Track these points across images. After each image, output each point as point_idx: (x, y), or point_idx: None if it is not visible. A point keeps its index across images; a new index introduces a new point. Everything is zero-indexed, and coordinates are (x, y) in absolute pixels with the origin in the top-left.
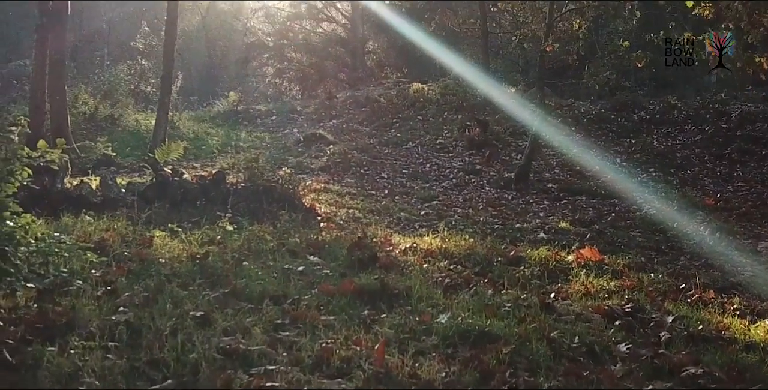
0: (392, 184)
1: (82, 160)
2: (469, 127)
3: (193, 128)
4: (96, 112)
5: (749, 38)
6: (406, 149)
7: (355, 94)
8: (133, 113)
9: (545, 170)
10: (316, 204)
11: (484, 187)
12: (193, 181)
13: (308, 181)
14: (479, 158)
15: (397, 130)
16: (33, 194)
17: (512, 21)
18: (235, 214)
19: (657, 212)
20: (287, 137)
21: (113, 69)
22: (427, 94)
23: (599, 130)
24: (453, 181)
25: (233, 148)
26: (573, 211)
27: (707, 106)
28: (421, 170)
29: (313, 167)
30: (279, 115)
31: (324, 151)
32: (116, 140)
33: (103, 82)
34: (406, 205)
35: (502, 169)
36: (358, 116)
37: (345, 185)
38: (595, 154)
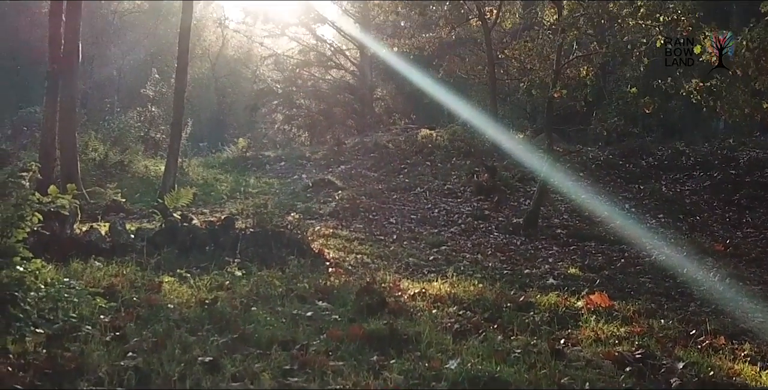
0: (401, 230)
1: (91, 206)
2: (477, 173)
3: (202, 174)
4: (106, 159)
5: (756, 84)
6: (414, 195)
7: (364, 140)
8: (143, 159)
9: (554, 216)
10: (324, 249)
11: (492, 233)
12: (202, 226)
13: (317, 227)
14: (488, 204)
15: (406, 176)
16: (43, 240)
17: (520, 67)
18: (243, 259)
19: (666, 258)
20: (296, 183)
21: (123, 116)
22: (436, 140)
23: (608, 176)
24: (461, 226)
25: (242, 193)
26: (582, 257)
27: (715, 153)
28: (429, 215)
29: (322, 213)
30: (288, 161)
31: (332, 197)
32: (126, 186)
33: (113, 128)
34: (415, 251)
35: (511, 215)
36: (367, 162)
37: (353, 230)
38: (604, 200)
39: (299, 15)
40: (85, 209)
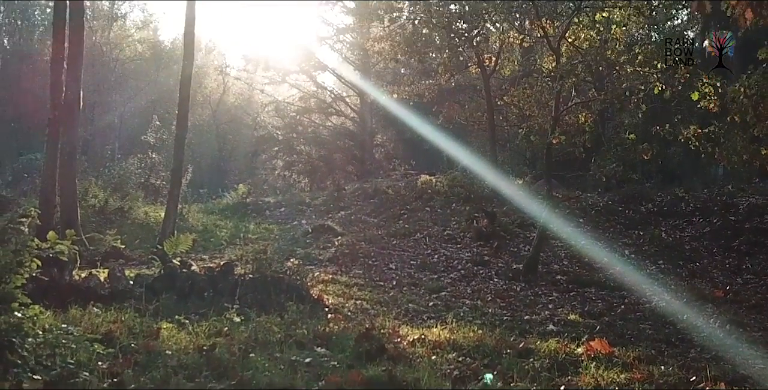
0: (400, 275)
1: (91, 253)
2: (476, 219)
3: (202, 220)
4: (106, 205)
5: (755, 131)
6: (414, 240)
7: (364, 185)
8: (143, 206)
9: (554, 262)
10: (323, 295)
11: (492, 279)
12: (201, 272)
13: (316, 272)
14: (487, 249)
15: (405, 222)
16: (42, 286)
17: (519, 114)
18: (242, 305)
19: (666, 304)
20: (296, 229)
21: (124, 162)
22: (435, 186)
23: (607, 222)
24: (461, 272)
25: (242, 239)
26: (582, 303)
27: (715, 199)
28: (429, 261)
29: (321, 258)
30: (288, 207)
31: (332, 243)
32: (126, 233)
33: (114, 175)
34: (415, 296)
35: (511, 261)
36: (367, 208)
37: (353, 276)
38: (604, 246)
39: (300, 62)
40: (85, 255)
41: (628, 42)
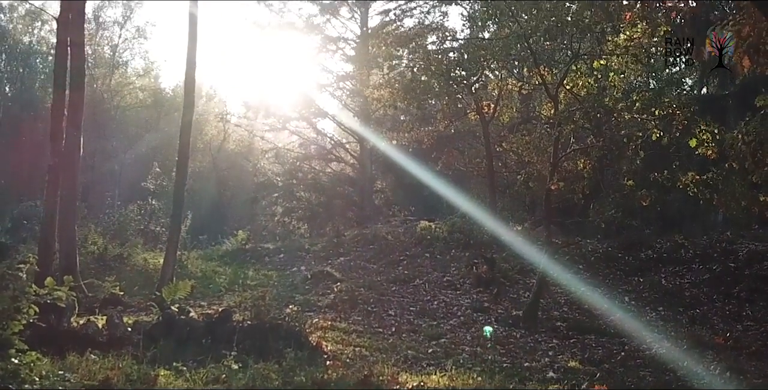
0: (399, 322)
1: (89, 299)
2: (476, 265)
3: (201, 267)
4: (105, 252)
5: (753, 177)
6: (413, 286)
7: (363, 232)
8: (142, 252)
9: (553, 308)
10: (322, 342)
11: (492, 325)
12: (199, 319)
13: (315, 319)
14: (487, 296)
15: (405, 268)
16: (39, 332)
17: (517, 160)
18: (240, 352)
19: (666, 351)
20: (295, 275)
21: (124, 209)
22: (435, 232)
23: (607, 268)
24: (461, 318)
25: (240, 286)
26: (582, 350)
27: (714, 245)
28: (428, 308)
29: (321, 305)
30: (287, 253)
31: (331, 289)
32: (124, 279)
33: (114, 221)
34: (414, 343)
35: (510, 307)
36: (366, 254)
37: (352, 323)
38: (604, 293)
39: (300, 109)
40: (83, 302)
41: (626, 89)
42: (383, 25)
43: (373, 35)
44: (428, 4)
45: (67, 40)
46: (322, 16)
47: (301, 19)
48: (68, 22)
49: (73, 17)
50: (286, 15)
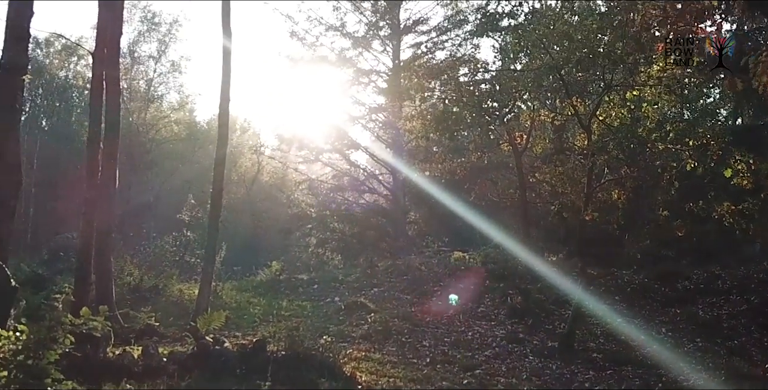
0: (434, 353)
1: (125, 330)
2: (510, 296)
3: (235, 298)
4: (141, 283)
5: None
6: (447, 317)
7: (396, 262)
8: (177, 284)
9: (589, 339)
10: (356, 372)
11: (527, 357)
12: (233, 349)
13: (349, 350)
14: (522, 327)
15: (439, 299)
16: (75, 362)
17: (551, 191)
18: (274, 382)
19: (704, 383)
20: (328, 306)
21: (159, 240)
22: (468, 263)
23: (643, 299)
24: (495, 349)
25: (275, 316)
26: (619, 382)
27: (752, 276)
28: (462, 338)
29: (354, 335)
30: (321, 284)
31: (365, 319)
32: (160, 310)
33: (149, 253)
34: (448, 374)
35: (546, 338)
36: (400, 285)
37: (386, 353)
38: (640, 324)
39: (333, 141)
40: (119, 333)
41: (659, 119)
42: (415, 58)
43: (405, 68)
44: (460, 37)
45: (103, 74)
46: (354, 50)
47: (334, 52)
48: (104, 56)
49: (108, 52)
50: (319, 49)
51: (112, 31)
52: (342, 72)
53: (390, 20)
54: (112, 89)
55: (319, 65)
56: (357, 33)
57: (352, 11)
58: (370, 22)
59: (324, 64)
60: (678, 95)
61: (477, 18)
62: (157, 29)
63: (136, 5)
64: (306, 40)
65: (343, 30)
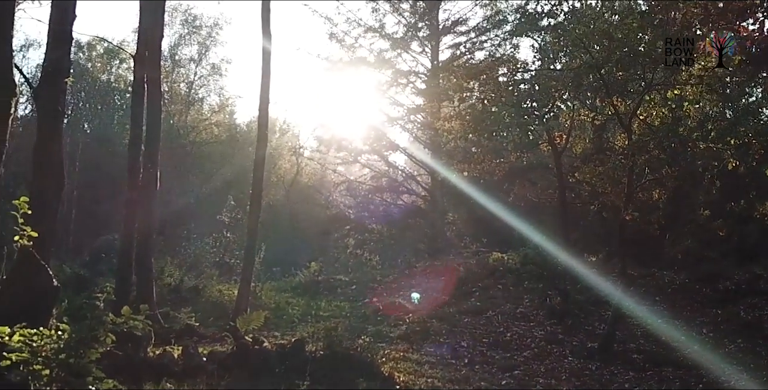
0: (472, 353)
1: (165, 330)
2: (550, 297)
3: (274, 298)
4: (181, 284)
5: None
6: (485, 318)
7: (435, 263)
8: (217, 284)
9: (629, 340)
10: (395, 372)
11: (566, 357)
12: (272, 349)
13: (387, 350)
14: (561, 328)
15: (477, 299)
16: (116, 361)
17: (591, 191)
18: (313, 382)
19: (745, 383)
20: (367, 306)
21: (199, 242)
22: (507, 264)
23: (684, 300)
24: (534, 350)
25: (313, 317)
26: (659, 383)
27: None
28: (501, 339)
29: (392, 336)
30: (359, 285)
31: (403, 320)
32: (199, 310)
33: (189, 254)
34: (487, 375)
35: (585, 339)
36: (438, 285)
37: (424, 354)
38: (681, 325)
39: (371, 142)
40: (160, 333)
41: (700, 119)
42: (454, 59)
43: (443, 68)
44: (499, 37)
45: (144, 77)
46: (393, 51)
47: (373, 54)
48: (145, 59)
49: (149, 55)
50: (358, 50)
51: (154, 34)
52: (381, 73)
53: (429, 21)
54: (153, 92)
55: (358, 67)
56: (396, 34)
57: (391, 12)
58: (408, 24)
59: (363, 66)
60: (720, 94)
61: (516, 18)
62: (197, 32)
63: (177, 8)
64: (345, 42)
65: (382, 31)
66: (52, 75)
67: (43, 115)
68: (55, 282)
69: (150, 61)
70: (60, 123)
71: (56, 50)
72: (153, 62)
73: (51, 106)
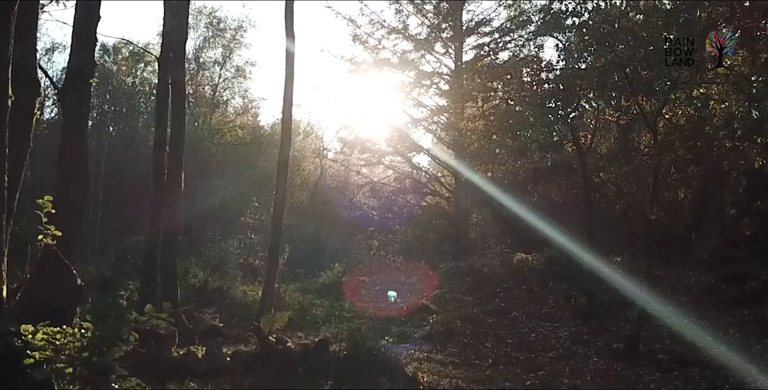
0: (496, 354)
1: (190, 330)
2: (574, 297)
3: (298, 299)
4: (206, 285)
5: None
6: (510, 319)
7: (459, 264)
8: (241, 285)
9: (655, 341)
10: (418, 373)
11: (592, 358)
12: (296, 349)
13: (411, 350)
14: (586, 328)
15: (501, 300)
16: (141, 360)
17: (616, 191)
18: (336, 382)
19: None
20: (391, 307)
21: (224, 243)
22: (531, 264)
23: (710, 300)
24: (559, 351)
25: (337, 317)
26: (685, 383)
27: None
28: (525, 340)
29: (416, 336)
30: (383, 286)
31: (427, 321)
32: (224, 311)
33: (214, 255)
34: (511, 375)
35: (610, 340)
36: (462, 286)
37: (448, 355)
38: (707, 325)
39: (395, 144)
40: (184, 333)
41: (726, 117)
42: (477, 59)
43: (467, 69)
44: (523, 38)
45: (169, 79)
46: (416, 53)
47: (396, 55)
48: (169, 61)
49: (173, 57)
50: (381, 52)
51: (178, 37)
52: (404, 74)
53: (452, 22)
54: (177, 94)
55: (381, 68)
56: (419, 35)
57: (414, 14)
58: (432, 24)
59: (386, 67)
60: (746, 93)
61: (540, 18)
62: (222, 35)
63: (201, 11)
64: (368, 44)
65: (406, 33)
66: (76, 75)
67: (68, 115)
68: (80, 281)
69: (174, 63)
70: (85, 123)
71: (81, 51)
72: (177, 64)
73: (76, 106)
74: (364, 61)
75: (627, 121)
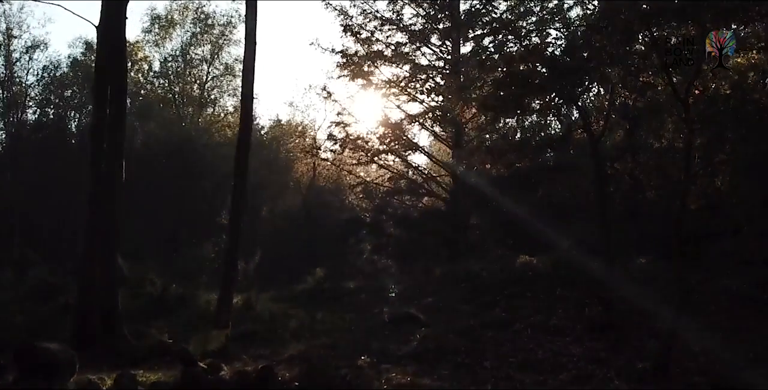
0: (497, 377)
1: (132, 349)
2: (588, 306)
3: (271, 309)
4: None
5: None
6: (512, 332)
7: (454, 268)
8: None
9: (687, 359)
10: None
11: (613, 381)
12: (231, 378)
13: (392, 373)
14: (603, 344)
15: (502, 309)
16: None
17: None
18: None
19: None
20: (375, 318)
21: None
22: (536, 268)
23: (744, 309)
24: (573, 372)
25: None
26: None
27: None
28: (532, 358)
29: (400, 354)
30: (369, 293)
31: (415, 335)
32: (183, 323)
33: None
34: None
35: (634, 358)
36: (457, 293)
37: (438, 378)
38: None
39: (389, 142)
40: (124, 353)
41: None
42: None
43: (465, 62)
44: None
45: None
46: (411, 45)
47: (390, 48)
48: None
49: (111, 23)
50: (374, 44)
51: None
52: (398, 68)
53: (449, 12)
54: (116, 66)
55: (374, 61)
56: (414, 27)
57: (409, 3)
58: (428, 15)
59: (379, 60)
60: None
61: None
62: (209, 32)
63: (188, 7)
64: (360, 35)
65: (400, 24)
66: None
67: None
68: None
69: (113, 30)
70: None
71: None
72: (116, 31)
73: None
74: (355, 53)
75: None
